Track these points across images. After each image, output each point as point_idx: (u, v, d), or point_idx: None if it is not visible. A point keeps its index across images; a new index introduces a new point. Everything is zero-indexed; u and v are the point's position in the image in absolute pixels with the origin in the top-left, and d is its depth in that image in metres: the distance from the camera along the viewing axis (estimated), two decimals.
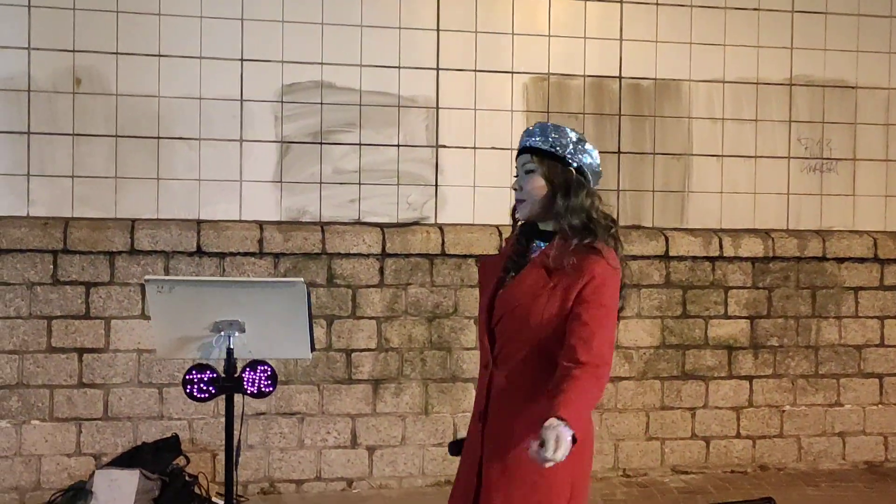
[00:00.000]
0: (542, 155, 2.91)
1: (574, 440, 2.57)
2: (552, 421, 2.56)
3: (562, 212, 2.87)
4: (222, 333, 3.34)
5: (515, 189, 2.97)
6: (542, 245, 2.94)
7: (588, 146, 2.95)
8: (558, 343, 2.82)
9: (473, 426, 3.00)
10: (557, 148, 2.89)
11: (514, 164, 3.03)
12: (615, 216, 5.83)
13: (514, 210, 3.03)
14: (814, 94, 6.35)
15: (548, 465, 2.54)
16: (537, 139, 2.93)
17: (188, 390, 3.34)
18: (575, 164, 2.90)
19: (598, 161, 2.98)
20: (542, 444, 2.52)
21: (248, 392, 3.39)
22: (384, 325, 5.70)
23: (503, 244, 3.13)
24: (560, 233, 2.88)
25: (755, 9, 6.25)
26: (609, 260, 2.86)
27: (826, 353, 6.31)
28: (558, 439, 2.52)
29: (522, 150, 2.97)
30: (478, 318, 3.08)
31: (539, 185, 2.90)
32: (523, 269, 2.93)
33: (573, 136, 2.93)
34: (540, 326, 2.84)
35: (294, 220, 5.68)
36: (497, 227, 5.73)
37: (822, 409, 6.31)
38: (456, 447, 3.13)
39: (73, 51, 5.40)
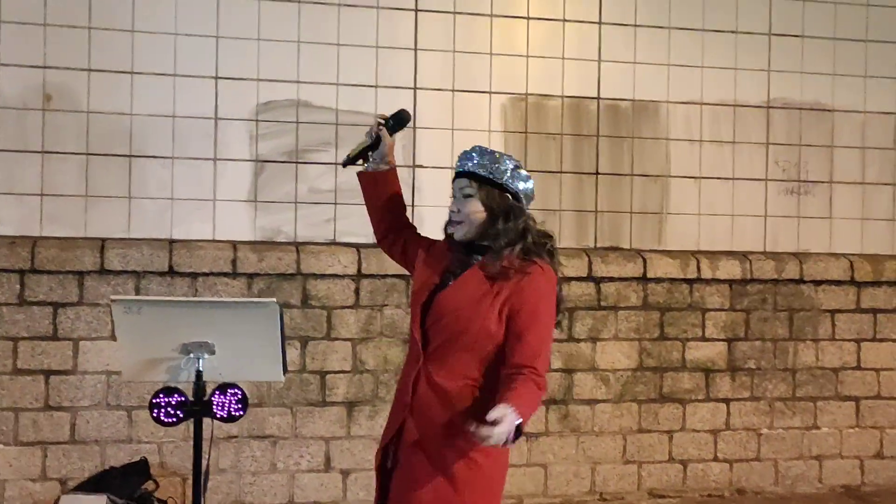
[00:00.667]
0: (480, 180, 3.04)
1: (519, 431, 2.73)
2: (502, 406, 2.72)
3: (499, 234, 3.01)
4: (191, 355, 3.26)
5: (452, 211, 3.08)
6: (479, 257, 3.07)
7: (523, 172, 3.09)
8: (494, 347, 2.98)
9: (398, 415, 3.07)
10: (496, 175, 3.03)
11: (451, 186, 3.15)
12: (594, 237, 5.96)
13: (446, 226, 3.15)
14: (791, 116, 6.35)
15: (488, 442, 2.68)
16: (476, 165, 3.06)
17: (155, 414, 3.25)
18: (512, 190, 3.05)
19: (532, 186, 3.12)
20: (492, 424, 2.66)
21: (218, 416, 3.30)
22: (359, 347, 5.62)
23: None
24: (495, 250, 3.02)
25: (733, 31, 6.26)
26: (546, 274, 3.02)
27: (803, 375, 6.29)
28: (505, 419, 2.68)
29: (460, 174, 3.10)
30: (411, 309, 3.14)
31: (477, 209, 3.03)
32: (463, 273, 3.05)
33: (510, 163, 3.08)
34: (479, 330, 2.96)
35: (268, 239, 5.60)
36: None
37: (800, 433, 6.29)
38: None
39: (44, 67, 5.32)
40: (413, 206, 5.79)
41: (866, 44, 6.49)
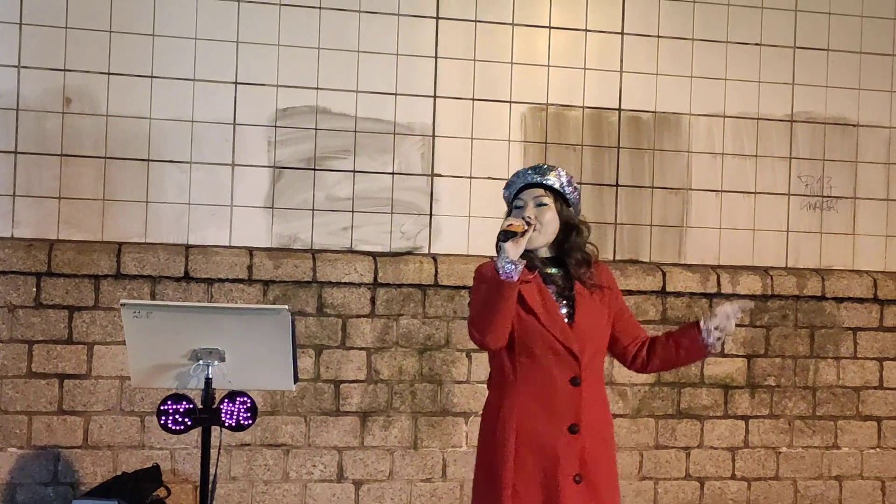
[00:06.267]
0: (555, 194, 3.31)
1: None
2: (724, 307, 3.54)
3: (572, 248, 3.33)
4: (201, 362, 3.23)
5: (528, 219, 3.21)
6: (556, 271, 3.35)
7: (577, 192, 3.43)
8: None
9: (561, 439, 3.22)
10: (567, 189, 3.33)
11: (519, 196, 3.38)
12: (613, 250, 5.92)
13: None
14: (815, 130, 6.27)
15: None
16: (550, 179, 3.32)
17: (162, 421, 3.22)
18: (577, 208, 3.39)
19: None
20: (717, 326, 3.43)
21: (227, 424, 3.27)
22: (374, 356, 5.58)
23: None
24: (576, 263, 3.35)
25: (756, 44, 6.19)
26: None
27: (824, 394, 6.19)
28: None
29: (532, 185, 3.33)
30: (543, 332, 3.27)
31: (554, 220, 3.30)
32: (574, 299, 3.31)
33: (573, 179, 3.39)
34: (606, 341, 3.42)
35: (285, 247, 5.57)
36: (492, 258, 5.61)
37: (819, 452, 6.19)
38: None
39: (64, 70, 5.32)
40: (431, 215, 5.76)
41: (893, 58, 6.39)
